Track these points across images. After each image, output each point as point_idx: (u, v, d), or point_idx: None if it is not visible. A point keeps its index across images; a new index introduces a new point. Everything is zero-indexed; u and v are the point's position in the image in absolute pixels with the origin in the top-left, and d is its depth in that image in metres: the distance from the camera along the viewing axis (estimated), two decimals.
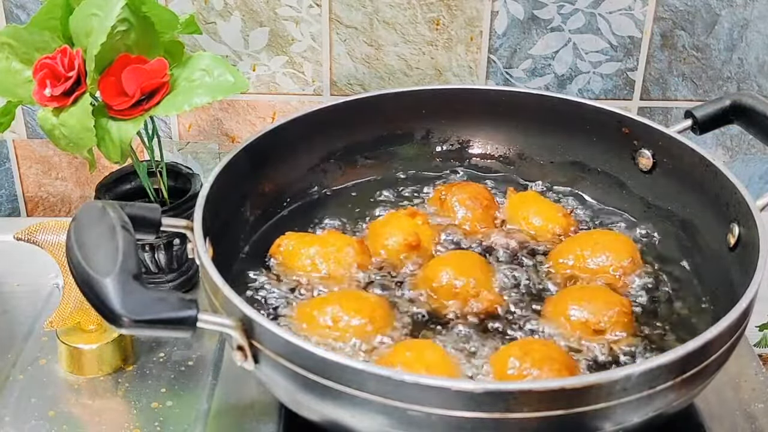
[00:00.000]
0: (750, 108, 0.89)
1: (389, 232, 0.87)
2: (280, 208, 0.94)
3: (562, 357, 0.73)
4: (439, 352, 0.74)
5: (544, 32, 1.07)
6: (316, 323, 0.77)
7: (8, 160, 1.14)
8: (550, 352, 0.72)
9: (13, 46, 0.85)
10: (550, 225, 0.91)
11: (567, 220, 0.91)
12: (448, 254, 0.87)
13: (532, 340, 0.77)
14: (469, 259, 0.85)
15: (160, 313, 0.64)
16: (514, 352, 0.73)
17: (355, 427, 0.66)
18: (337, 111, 0.97)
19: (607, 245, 0.85)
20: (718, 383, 0.83)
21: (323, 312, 0.77)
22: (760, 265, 0.72)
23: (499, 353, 0.74)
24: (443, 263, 0.84)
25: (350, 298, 0.79)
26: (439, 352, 0.74)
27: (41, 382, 0.88)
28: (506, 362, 0.72)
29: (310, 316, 0.77)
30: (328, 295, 0.81)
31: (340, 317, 0.76)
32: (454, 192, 0.93)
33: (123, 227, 0.69)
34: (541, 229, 0.91)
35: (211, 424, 0.83)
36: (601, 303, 0.78)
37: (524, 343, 0.75)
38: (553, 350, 0.73)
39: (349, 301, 0.78)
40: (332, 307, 0.77)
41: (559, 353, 0.73)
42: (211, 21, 1.07)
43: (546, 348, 0.73)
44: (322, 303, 0.78)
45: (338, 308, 0.77)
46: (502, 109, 1.00)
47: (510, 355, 0.72)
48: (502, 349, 0.75)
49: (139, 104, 0.82)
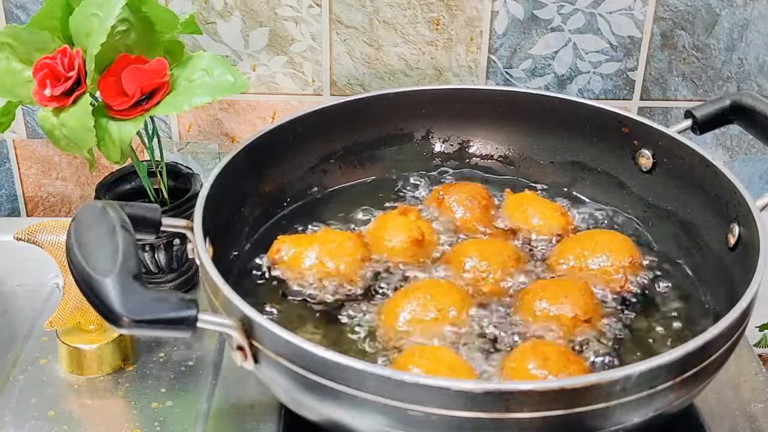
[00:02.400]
0: (750, 108, 0.89)
1: (390, 233, 0.87)
2: (280, 208, 0.94)
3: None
4: (454, 357, 0.74)
5: (544, 32, 1.07)
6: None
7: (8, 160, 1.14)
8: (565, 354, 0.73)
9: (13, 46, 0.85)
10: (549, 224, 0.91)
11: (565, 219, 0.92)
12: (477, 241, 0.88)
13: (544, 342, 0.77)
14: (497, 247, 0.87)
15: (160, 313, 0.64)
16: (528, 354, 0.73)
17: (355, 427, 0.66)
18: (337, 111, 0.97)
19: (607, 245, 0.85)
20: (718, 383, 0.83)
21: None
22: (760, 265, 0.72)
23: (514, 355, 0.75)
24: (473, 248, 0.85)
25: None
26: (455, 357, 0.74)
27: (41, 382, 0.88)
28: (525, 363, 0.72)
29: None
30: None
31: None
32: (451, 192, 0.93)
33: (123, 227, 0.69)
34: (540, 227, 0.91)
35: (211, 424, 0.83)
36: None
37: (538, 345, 0.75)
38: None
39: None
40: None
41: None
42: (211, 21, 1.07)
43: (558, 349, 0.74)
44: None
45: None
46: (502, 109, 1.00)
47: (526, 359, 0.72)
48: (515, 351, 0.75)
49: (139, 104, 0.82)
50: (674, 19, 1.07)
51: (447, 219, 0.92)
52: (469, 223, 0.91)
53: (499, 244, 0.87)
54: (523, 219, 0.91)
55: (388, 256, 0.86)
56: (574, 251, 0.85)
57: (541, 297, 0.79)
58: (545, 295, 0.79)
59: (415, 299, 0.79)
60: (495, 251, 0.85)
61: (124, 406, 0.85)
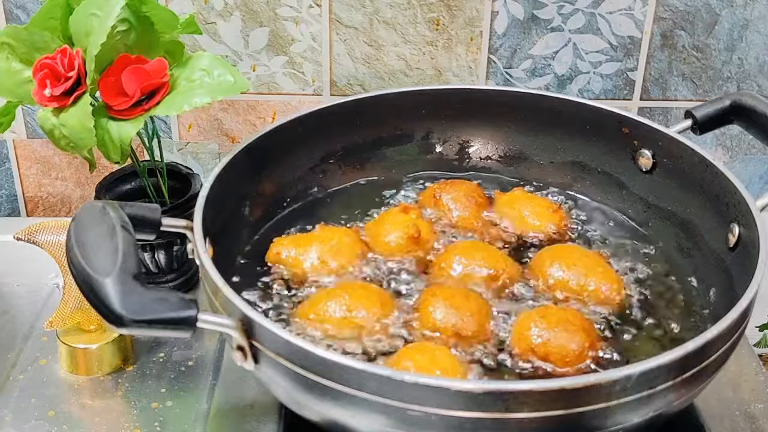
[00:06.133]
0: (750, 108, 0.89)
1: (387, 229, 0.87)
2: (280, 209, 0.94)
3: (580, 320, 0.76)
4: (449, 356, 0.74)
5: (544, 32, 1.07)
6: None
7: (8, 160, 1.14)
8: (566, 315, 0.75)
9: (13, 46, 0.85)
10: (541, 221, 0.91)
11: (558, 215, 0.92)
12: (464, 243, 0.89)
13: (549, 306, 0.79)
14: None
15: (160, 313, 0.64)
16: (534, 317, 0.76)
17: (355, 427, 0.66)
18: (337, 111, 0.97)
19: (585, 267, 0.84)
20: (718, 383, 0.83)
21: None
22: (760, 265, 0.72)
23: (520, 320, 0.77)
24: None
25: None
26: (449, 356, 0.74)
27: (41, 382, 0.88)
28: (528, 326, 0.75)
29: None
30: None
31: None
32: (447, 190, 0.94)
33: (123, 227, 0.69)
34: (533, 225, 0.91)
35: (211, 424, 0.83)
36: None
37: (542, 309, 0.78)
38: (570, 314, 0.76)
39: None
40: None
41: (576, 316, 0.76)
42: (211, 21, 1.07)
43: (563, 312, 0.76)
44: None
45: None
46: (502, 109, 1.00)
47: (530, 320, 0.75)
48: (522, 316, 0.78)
49: (139, 104, 0.82)
50: (674, 19, 1.07)
51: (442, 216, 0.92)
52: (465, 221, 0.91)
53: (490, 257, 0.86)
54: (516, 216, 0.92)
55: (385, 252, 0.86)
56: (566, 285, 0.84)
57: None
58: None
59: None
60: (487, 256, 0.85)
61: (124, 406, 0.85)
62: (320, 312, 0.78)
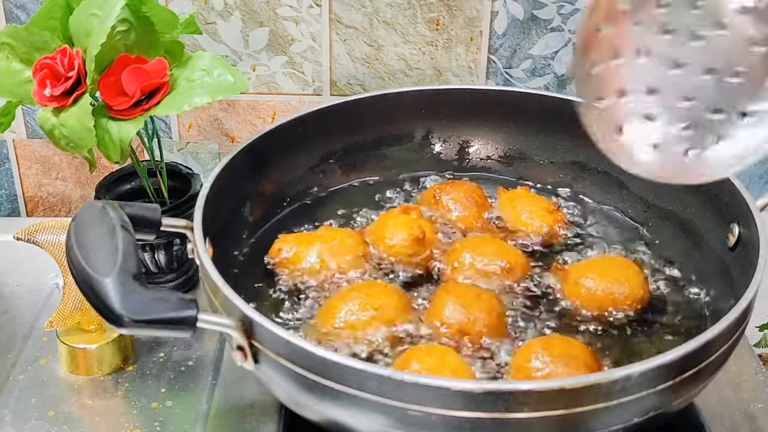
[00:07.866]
0: None
1: (391, 231, 0.87)
2: (280, 209, 0.94)
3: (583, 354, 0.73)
4: (456, 358, 0.74)
5: (544, 32, 1.07)
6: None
7: (8, 160, 1.14)
8: (570, 349, 0.73)
9: (13, 46, 0.85)
10: (540, 221, 0.91)
11: (555, 216, 0.92)
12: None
13: (553, 337, 0.77)
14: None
15: (160, 313, 0.65)
16: (536, 348, 0.73)
17: (355, 427, 0.66)
18: (337, 111, 0.97)
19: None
20: (718, 383, 0.83)
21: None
22: (760, 265, 0.72)
23: (521, 350, 0.75)
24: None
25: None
26: (457, 358, 0.74)
27: (41, 382, 0.88)
28: (529, 358, 0.72)
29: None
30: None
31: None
32: (447, 190, 0.94)
33: (123, 227, 0.69)
34: (533, 225, 0.91)
35: (211, 424, 0.83)
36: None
37: (545, 340, 0.75)
38: (574, 347, 0.74)
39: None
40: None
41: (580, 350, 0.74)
42: (211, 21, 1.07)
43: (567, 344, 0.74)
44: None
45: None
46: (502, 109, 1.00)
47: (532, 352, 0.73)
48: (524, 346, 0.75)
49: (139, 104, 0.82)
50: None
51: (442, 217, 0.92)
52: (465, 221, 0.91)
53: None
54: (516, 216, 0.92)
55: (388, 254, 0.86)
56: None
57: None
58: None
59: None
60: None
61: (124, 406, 0.85)
62: (343, 317, 0.78)
